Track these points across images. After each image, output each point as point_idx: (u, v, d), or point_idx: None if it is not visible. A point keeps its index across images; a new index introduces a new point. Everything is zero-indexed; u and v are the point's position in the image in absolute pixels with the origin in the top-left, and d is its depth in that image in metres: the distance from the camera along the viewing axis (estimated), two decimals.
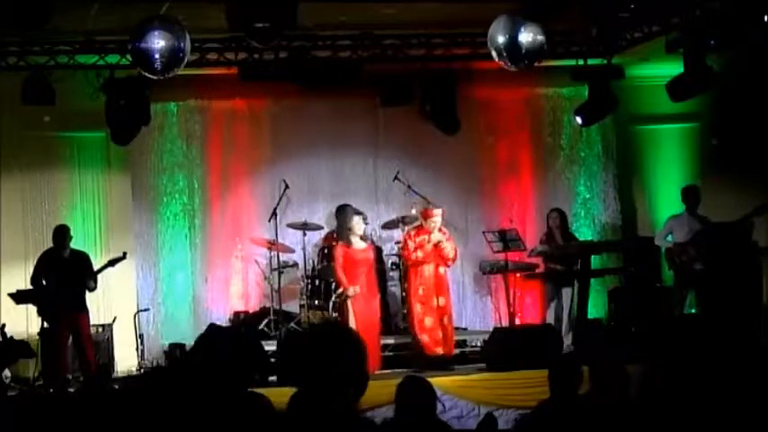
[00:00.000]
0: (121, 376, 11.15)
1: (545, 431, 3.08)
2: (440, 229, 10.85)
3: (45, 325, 10.53)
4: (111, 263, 10.71)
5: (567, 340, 11.45)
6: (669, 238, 11.91)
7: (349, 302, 10.67)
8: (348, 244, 10.78)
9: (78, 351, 10.56)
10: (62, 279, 10.52)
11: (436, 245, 10.69)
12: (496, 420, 6.54)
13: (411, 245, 10.76)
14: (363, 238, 10.96)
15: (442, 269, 10.84)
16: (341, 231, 11.40)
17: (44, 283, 10.65)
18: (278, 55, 11.13)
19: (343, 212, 11.83)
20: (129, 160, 12.33)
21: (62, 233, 10.71)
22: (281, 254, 11.88)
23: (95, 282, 10.61)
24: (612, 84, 11.85)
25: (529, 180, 13.30)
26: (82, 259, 10.73)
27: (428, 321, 10.62)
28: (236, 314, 12.31)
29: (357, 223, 10.86)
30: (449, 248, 10.76)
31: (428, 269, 10.75)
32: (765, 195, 11.49)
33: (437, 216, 10.83)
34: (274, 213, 11.90)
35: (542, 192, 13.24)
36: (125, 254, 10.96)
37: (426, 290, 10.71)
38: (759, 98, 11.89)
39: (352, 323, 10.57)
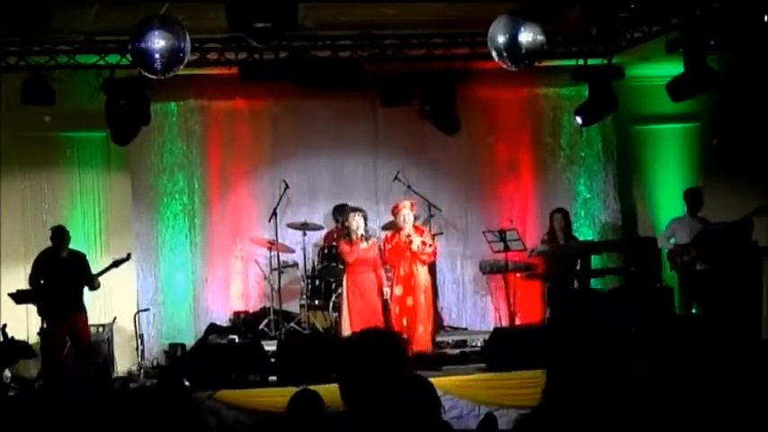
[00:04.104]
0: (121, 376, 11.18)
1: (545, 431, 3.08)
2: (416, 227, 10.81)
3: (44, 325, 10.54)
4: (116, 264, 10.72)
5: None
6: (672, 240, 11.91)
7: (345, 302, 10.67)
8: (350, 242, 10.78)
9: (76, 351, 10.55)
10: (60, 279, 10.52)
11: (408, 240, 10.63)
12: (496, 420, 6.53)
13: (388, 247, 10.79)
14: (366, 237, 10.93)
15: (421, 267, 10.77)
16: (342, 230, 11.34)
17: (42, 283, 10.64)
18: (278, 55, 11.12)
19: (341, 212, 11.81)
20: (129, 160, 12.33)
21: (60, 234, 10.70)
22: (281, 254, 11.88)
23: (97, 281, 10.60)
24: (612, 84, 11.84)
25: (529, 180, 13.29)
26: (80, 259, 10.73)
27: (405, 321, 10.63)
28: (236, 314, 12.30)
29: (354, 220, 10.84)
30: (417, 242, 10.67)
31: (404, 268, 10.72)
32: (765, 195, 11.49)
33: (405, 209, 10.78)
34: (274, 213, 11.90)
35: (542, 192, 13.23)
36: (129, 255, 10.98)
37: (405, 290, 10.70)
38: (759, 98, 11.88)
39: (347, 322, 10.58)
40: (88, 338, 10.78)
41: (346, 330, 10.54)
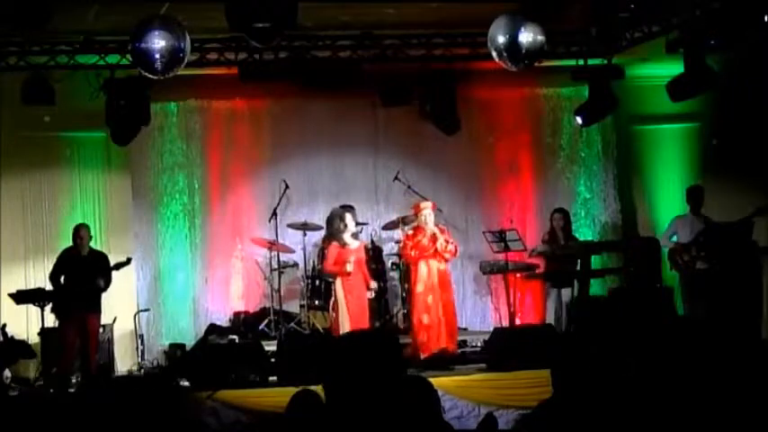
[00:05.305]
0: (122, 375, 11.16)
1: (546, 431, 3.08)
2: (437, 225, 10.88)
3: (50, 324, 10.52)
4: (116, 267, 10.70)
5: None
6: (674, 238, 11.91)
7: (342, 303, 10.65)
8: (341, 244, 10.78)
9: (83, 351, 10.52)
10: (79, 278, 10.50)
11: (433, 238, 10.69)
12: (496, 420, 6.53)
13: (409, 244, 10.82)
14: (355, 235, 10.95)
15: (442, 265, 10.83)
16: (332, 233, 11.28)
17: (62, 281, 10.63)
18: (278, 55, 11.13)
19: (330, 216, 11.72)
20: (129, 160, 12.33)
21: (77, 232, 10.70)
22: (281, 254, 11.88)
23: (106, 282, 10.57)
24: (612, 84, 11.85)
25: (529, 180, 13.30)
26: (100, 259, 10.71)
27: (426, 319, 10.63)
28: (236, 314, 12.31)
29: (350, 222, 10.84)
30: (441, 241, 10.74)
31: (425, 266, 10.75)
32: (766, 195, 11.49)
33: (426, 209, 10.84)
34: (274, 213, 11.90)
35: (542, 192, 13.24)
36: (129, 259, 10.95)
37: (426, 287, 10.72)
38: (759, 98, 11.89)
39: (347, 323, 10.55)
40: (96, 339, 10.76)
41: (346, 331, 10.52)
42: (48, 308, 10.50)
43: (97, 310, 10.59)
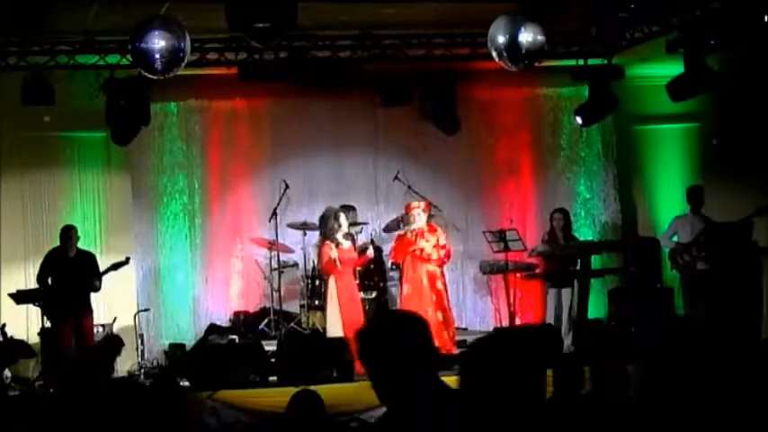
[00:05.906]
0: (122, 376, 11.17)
1: (546, 431, 3.08)
2: (429, 224, 10.87)
3: (48, 324, 10.53)
4: (114, 267, 10.71)
5: (567, 340, 11.45)
6: (675, 238, 11.91)
7: (335, 303, 10.62)
8: (335, 243, 10.76)
9: (79, 351, 10.53)
10: (68, 279, 10.50)
11: (415, 236, 10.71)
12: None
13: (397, 246, 10.88)
14: (347, 236, 10.95)
15: (430, 266, 10.84)
16: (325, 233, 11.21)
17: (49, 282, 10.63)
18: (278, 55, 11.13)
19: (325, 215, 11.66)
20: (129, 160, 12.34)
21: (66, 233, 10.70)
22: (281, 254, 11.88)
23: (100, 282, 10.60)
24: (612, 84, 11.85)
25: (529, 180, 13.30)
26: (88, 259, 10.72)
27: None
28: (236, 314, 12.31)
29: (345, 222, 10.84)
30: (424, 244, 10.75)
31: (411, 269, 10.78)
32: (765, 196, 11.49)
33: (417, 209, 10.91)
34: (274, 213, 11.90)
35: (542, 192, 13.24)
36: (128, 259, 10.97)
37: (413, 288, 10.73)
38: (759, 98, 11.88)
39: (338, 324, 10.52)
40: (92, 339, 10.76)
41: (337, 332, 10.47)
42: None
43: (89, 310, 10.63)
